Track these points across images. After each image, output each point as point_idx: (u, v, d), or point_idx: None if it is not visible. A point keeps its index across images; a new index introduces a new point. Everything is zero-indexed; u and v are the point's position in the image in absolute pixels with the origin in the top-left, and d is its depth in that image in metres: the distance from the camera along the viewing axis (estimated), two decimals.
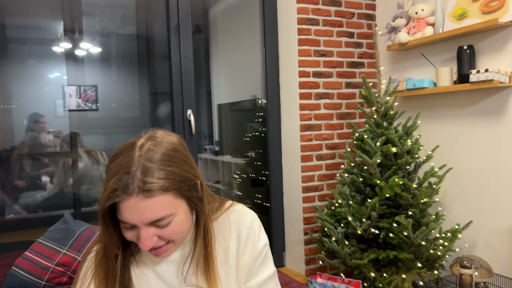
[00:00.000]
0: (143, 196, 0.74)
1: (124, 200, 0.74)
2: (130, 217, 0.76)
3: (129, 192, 0.74)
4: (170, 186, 0.77)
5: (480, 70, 1.99)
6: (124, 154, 0.77)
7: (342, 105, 2.68)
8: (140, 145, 0.78)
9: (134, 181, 0.74)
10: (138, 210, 0.75)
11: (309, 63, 2.56)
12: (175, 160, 0.79)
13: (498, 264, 2.12)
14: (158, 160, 0.77)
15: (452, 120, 2.33)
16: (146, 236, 0.77)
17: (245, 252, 0.92)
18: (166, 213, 0.77)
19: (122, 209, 0.76)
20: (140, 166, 0.75)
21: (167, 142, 0.81)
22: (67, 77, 2.45)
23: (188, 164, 0.82)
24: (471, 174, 2.24)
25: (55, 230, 1.73)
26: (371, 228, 2.12)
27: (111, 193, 0.74)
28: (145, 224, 0.77)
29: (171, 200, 0.78)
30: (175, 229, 0.80)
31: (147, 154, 0.77)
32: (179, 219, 0.81)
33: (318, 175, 2.63)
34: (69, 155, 2.46)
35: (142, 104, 2.77)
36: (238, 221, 0.94)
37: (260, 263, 0.94)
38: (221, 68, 3.65)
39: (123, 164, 0.76)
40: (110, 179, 0.75)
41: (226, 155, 3.51)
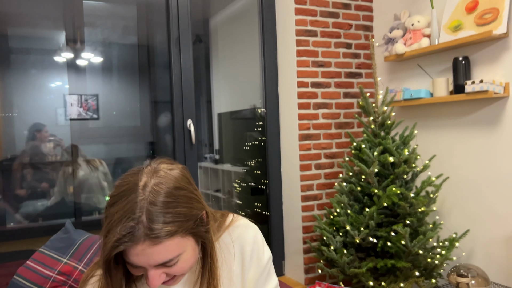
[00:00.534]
0: (150, 243, 0.72)
1: (131, 247, 0.73)
2: (137, 261, 0.74)
3: (135, 240, 0.72)
4: (178, 230, 0.75)
5: (475, 81, 2.03)
6: (126, 197, 0.74)
7: (340, 115, 2.72)
8: (142, 186, 0.75)
9: (140, 227, 0.71)
10: (145, 256, 0.73)
11: (307, 74, 2.59)
12: (180, 200, 0.77)
13: (495, 272, 2.13)
14: (163, 203, 0.74)
15: (448, 130, 2.36)
16: (154, 276, 0.76)
17: (250, 268, 0.92)
18: (174, 255, 0.76)
19: (129, 254, 0.74)
20: (145, 211, 0.72)
21: (170, 179, 0.78)
22: (68, 86, 2.47)
23: (193, 200, 0.79)
24: (468, 183, 2.27)
25: (56, 239, 1.75)
26: (369, 237, 2.14)
27: (116, 242, 0.71)
28: (153, 266, 0.76)
29: (178, 241, 0.76)
30: (183, 266, 0.80)
31: (150, 197, 0.74)
32: (187, 256, 0.80)
33: (317, 184, 2.65)
34: (69, 164, 2.48)
35: (143, 113, 2.79)
36: (241, 237, 0.93)
37: (265, 278, 0.95)
38: (221, 77, 3.69)
39: (127, 210, 0.72)
40: (114, 226, 0.72)
41: (226, 163, 3.53)
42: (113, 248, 0.71)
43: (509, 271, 2.07)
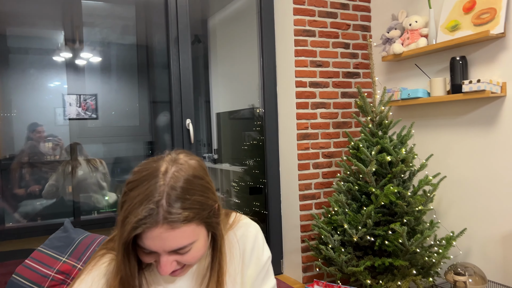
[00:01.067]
0: (168, 227, 0.74)
1: (149, 229, 0.74)
2: (152, 246, 0.76)
3: (154, 222, 0.73)
4: (194, 216, 0.77)
5: (473, 81, 2.04)
6: (147, 181, 0.76)
7: (338, 115, 2.73)
8: (163, 172, 0.77)
9: (160, 210, 0.74)
10: (161, 240, 0.75)
11: (305, 73, 2.60)
12: (198, 188, 0.79)
13: (492, 271, 2.15)
14: (182, 189, 0.77)
15: (445, 129, 2.37)
16: (166, 263, 0.78)
17: (250, 265, 0.95)
18: (188, 241, 0.78)
19: (145, 238, 0.75)
20: (165, 195, 0.75)
21: (189, 167, 0.81)
22: (67, 86, 2.48)
23: (209, 190, 0.82)
24: (465, 182, 2.28)
25: (55, 238, 1.76)
26: (367, 236, 2.15)
27: (136, 223, 0.73)
28: (167, 252, 0.78)
29: (194, 229, 0.78)
30: (195, 255, 0.81)
31: (171, 182, 0.76)
32: (199, 245, 0.81)
33: (315, 183, 2.66)
34: (68, 163, 2.48)
35: (142, 113, 2.80)
36: (244, 235, 0.96)
37: (263, 276, 0.97)
38: (219, 77, 3.70)
39: (148, 193, 0.74)
40: (135, 208, 0.74)
41: (225, 163, 3.54)
42: (132, 229, 0.73)
43: (506, 270, 2.09)
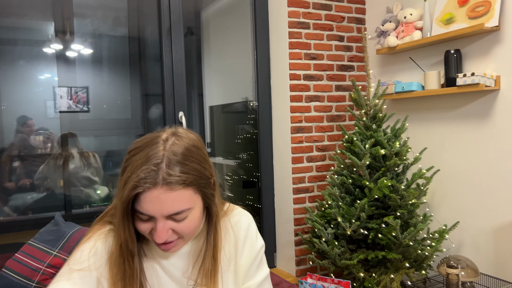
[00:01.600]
0: (167, 188, 0.77)
1: (149, 190, 0.76)
2: (150, 208, 0.78)
3: (154, 182, 0.76)
4: (192, 182, 0.80)
5: (467, 74, 2.04)
6: (148, 147, 0.80)
7: (332, 108, 2.72)
8: (164, 139, 0.81)
9: (160, 172, 0.76)
10: (160, 202, 0.77)
11: (299, 66, 2.59)
12: (196, 157, 0.82)
13: (484, 264, 2.16)
14: (181, 154, 0.80)
15: (439, 123, 2.37)
16: (163, 229, 0.79)
17: (243, 254, 0.96)
18: (185, 207, 0.80)
19: (144, 200, 0.77)
20: (165, 159, 0.78)
21: (189, 138, 0.85)
22: (58, 78, 2.44)
23: (206, 162, 0.85)
24: (458, 175, 2.28)
25: (45, 232, 1.73)
26: (360, 229, 2.15)
27: (137, 182, 0.76)
28: (164, 217, 0.79)
29: (191, 195, 0.81)
30: (190, 224, 0.83)
31: (171, 148, 0.80)
32: (195, 215, 0.83)
33: (308, 177, 2.66)
34: (60, 156, 2.45)
35: (134, 106, 2.76)
36: (238, 224, 0.98)
37: (257, 265, 0.97)
38: (213, 70, 3.66)
39: (149, 156, 0.78)
40: (136, 169, 0.77)
41: (218, 156, 3.52)
42: (133, 188, 0.76)
43: (497, 263, 2.10)
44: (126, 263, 0.85)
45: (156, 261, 0.92)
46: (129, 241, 0.83)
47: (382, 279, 2.08)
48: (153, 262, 0.91)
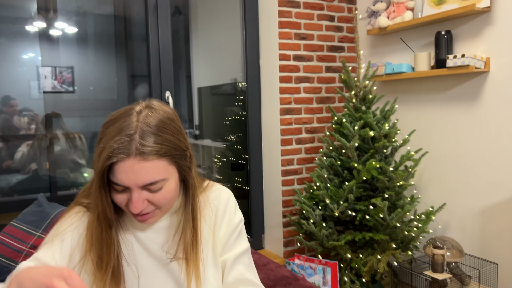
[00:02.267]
0: (140, 158, 0.77)
1: (122, 160, 0.77)
2: (125, 179, 0.78)
3: (127, 152, 0.76)
4: (166, 152, 0.80)
5: (457, 56, 2.02)
6: (122, 119, 0.80)
7: (322, 89, 2.69)
8: (138, 111, 0.81)
9: (133, 143, 0.77)
10: (134, 172, 0.77)
11: (289, 46, 2.55)
12: (170, 128, 0.82)
13: (470, 244, 2.19)
14: (155, 126, 0.80)
15: (429, 105, 2.37)
16: (138, 199, 0.79)
17: (222, 226, 0.96)
18: (160, 177, 0.80)
19: (118, 171, 0.78)
20: (139, 130, 0.78)
21: (163, 111, 0.84)
22: (41, 58, 2.37)
23: (181, 135, 0.85)
24: (446, 158, 2.29)
25: (28, 212, 1.69)
26: (348, 211, 2.15)
27: (110, 152, 0.76)
28: (138, 187, 0.80)
29: (165, 165, 0.81)
30: (166, 195, 0.83)
31: (145, 120, 0.80)
32: (170, 186, 0.83)
33: (297, 159, 2.64)
34: (45, 137, 2.40)
35: (120, 86, 2.71)
36: (217, 198, 0.98)
37: (235, 238, 0.97)
38: (201, 50, 3.60)
39: (123, 127, 0.78)
40: (110, 140, 0.77)
41: (206, 139, 3.48)
42: (107, 159, 0.76)
43: (482, 243, 2.13)
44: (104, 233, 0.85)
45: (133, 234, 0.91)
46: (107, 210, 0.83)
47: (369, 260, 2.09)
48: (130, 235, 0.91)
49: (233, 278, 0.94)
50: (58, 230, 0.89)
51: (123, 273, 0.87)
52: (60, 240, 0.87)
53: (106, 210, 0.83)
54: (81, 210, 0.91)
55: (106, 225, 0.85)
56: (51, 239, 0.88)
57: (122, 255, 0.88)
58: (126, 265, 0.89)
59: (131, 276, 0.89)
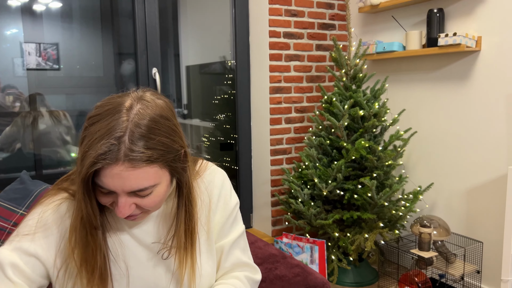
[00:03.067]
0: (129, 165, 0.69)
1: (109, 166, 0.69)
2: (111, 184, 0.71)
3: (114, 159, 0.68)
4: (158, 158, 0.72)
5: (449, 34, 2.00)
6: (109, 116, 0.71)
7: (312, 68, 2.65)
8: (128, 107, 0.72)
9: (121, 148, 0.69)
10: (121, 179, 0.70)
11: (280, 23, 2.49)
12: (163, 129, 0.74)
13: (456, 223, 2.21)
14: (147, 127, 0.71)
15: (419, 84, 2.35)
16: (124, 205, 0.73)
17: (217, 211, 0.92)
18: (149, 183, 0.73)
19: (104, 176, 0.70)
20: (129, 132, 0.69)
21: (156, 105, 0.75)
22: (24, 34, 2.29)
23: (176, 134, 0.77)
24: (435, 137, 2.29)
25: (11, 190, 1.65)
26: (336, 190, 2.15)
27: (95, 158, 0.68)
28: (125, 193, 0.73)
29: (156, 171, 0.73)
30: (155, 199, 0.77)
31: (135, 118, 0.71)
32: (160, 190, 0.77)
33: (286, 138, 2.62)
34: (29, 115, 2.34)
35: (106, 63, 2.64)
36: (211, 182, 0.93)
37: (231, 222, 0.94)
38: (189, 28, 3.52)
39: (110, 128, 0.69)
40: (94, 143, 0.69)
41: (195, 118, 3.44)
42: (91, 165, 0.68)
43: (468, 222, 2.15)
44: (89, 236, 0.78)
45: (123, 229, 0.86)
46: (92, 216, 0.76)
47: (356, 238, 2.10)
48: (119, 231, 0.85)
49: (230, 264, 0.93)
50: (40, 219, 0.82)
51: (110, 273, 0.82)
52: (45, 235, 0.80)
53: (91, 216, 0.76)
54: (66, 199, 0.84)
55: (91, 228, 0.78)
56: (33, 229, 0.80)
57: (110, 253, 0.83)
58: (113, 264, 0.83)
59: (117, 275, 0.84)
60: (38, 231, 0.80)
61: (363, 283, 2.29)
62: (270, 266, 1.51)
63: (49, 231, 0.81)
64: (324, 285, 1.42)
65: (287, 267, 1.49)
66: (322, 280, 1.44)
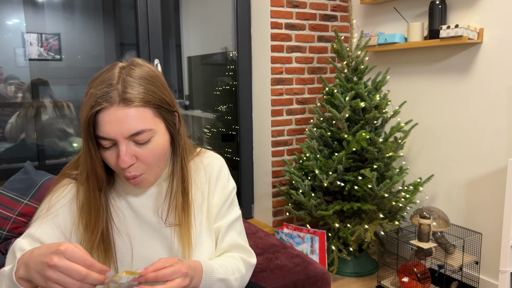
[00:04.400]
0: (123, 105, 0.76)
1: (106, 109, 0.76)
2: (110, 130, 0.76)
3: (110, 100, 0.76)
4: (150, 101, 0.79)
5: (450, 26, 1.99)
6: (105, 73, 0.80)
7: (313, 59, 2.65)
8: (121, 66, 0.81)
9: (115, 90, 0.76)
10: (118, 121, 0.76)
11: (281, 14, 2.49)
12: (154, 82, 0.81)
13: (455, 215, 2.23)
14: (138, 77, 0.79)
15: (420, 76, 2.35)
16: (126, 153, 0.78)
17: (215, 194, 0.97)
18: (145, 126, 0.78)
19: (102, 122, 0.77)
20: (121, 80, 0.78)
21: (147, 66, 0.84)
22: (26, 24, 2.29)
23: (165, 89, 0.84)
24: (436, 129, 2.30)
25: (15, 180, 1.68)
26: (337, 181, 2.16)
27: (93, 101, 0.76)
28: (125, 138, 0.78)
29: (151, 115, 0.80)
30: (154, 151, 0.81)
31: (127, 71, 0.79)
32: (158, 140, 0.82)
33: (287, 130, 2.63)
34: (32, 105, 2.35)
35: (108, 54, 2.64)
36: (210, 165, 0.98)
37: (228, 205, 0.99)
38: (191, 19, 3.51)
39: (105, 78, 0.78)
40: (93, 92, 0.77)
41: (196, 109, 3.45)
42: (90, 108, 0.76)
43: (468, 214, 2.17)
44: (92, 195, 0.84)
45: (125, 200, 0.90)
46: (96, 166, 0.82)
47: (357, 229, 2.13)
48: (122, 201, 0.90)
49: (226, 244, 0.97)
50: (49, 204, 0.88)
51: (113, 242, 0.86)
52: (53, 216, 0.86)
53: (96, 166, 0.81)
54: (71, 182, 0.89)
55: (95, 186, 0.84)
56: (43, 214, 0.86)
57: (113, 224, 0.87)
58: (117, 235, 0.88)
59: (123, 246, 0.88)
60: (46, 216, 0.86)
61: (363, 273, 2.31)
62: (270, 256, 1.53)
63: (58, 211, 0.87)
64: (324, 275, 1.45)
65: (288, 257, 1.52)
66: (322, 270, 1.46)
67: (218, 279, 0.87)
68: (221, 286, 0.89)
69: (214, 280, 0.87)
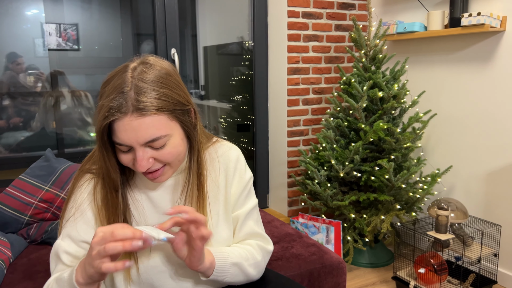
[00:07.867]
0: (137, 115, 0.75)
1: (120, 119, 0.75)
2: (125, 137, 0.76)
3: (123, 110, 0.75)
4: (164, 107, 0.77)
5: (472, 14, 1.94)
6: (116, 76, 0.78)
7: (331, 49, 2.62)
8: (132, 68, 0.79)
9: (128, 99, 0.75)
10: (133, 130, 0.76)
11: (298, 3, 2.46)
12: (168, 83, 0.79)
13: (474, 206, 2.19)
14: (151, 81, 0.77)
15: (440, 66, 2.31)
16: (142, 158, 0.78)
17: (233, 183, 0.97)
18: (161, 133, 0.78)
19: (118, 130, 0.76)
20: (133, 86, 0.76)
21: (159, 66, 0.81)
22: (45, 14, 2.32)
23: (180, 89, 0.82)
24: (455, 120, 2.26)
25: (36, 167, 1.71)
26: (353, 171, 2.15)
27: (106, 112, 0.75)
28: (141, 145, 0.78)
29: (166, 121, 0.78)
30: (171, 151, 0.81)
31: (140, 76, 0.77)
32: (174, 142, 0.81)
33: (303, 120, 2.62)
34: (51, 94, 2.39)
35: (125, 44, 2.66)
36: (225, 155, 0.98)
37: (246, 195, 0.99)
38: (207, 8, 3.50)
39: (117, 85, 0.76)
40: (106, 99, 0.76)
41: (212, 99, 3.45)
42: (103, 119, 0.75)
43: (486, 205, 2.13)
44: (109, 194, 0.85)
45: (144, 193, 0.92)
46: (110, 171, 0.83)
47: (373, 220, 2.11)
48: (141, 194, 0.92)
49: (244, 233, 0.98)
50: (75, 203, 0.90)
51: None
52: (82, 214, 0.88)
53: (110, 171, 0.83)
54: (91, 178, 0.91)
55: (111, 186, 0.85)
56: (73, 213, 0.89)
57: (132, 216, 0.89)
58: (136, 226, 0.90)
59: None
60: (77, 216, 0.88)
61: (378, 264, 2.31)
62: (286, 244, 1.54)
63: (85, 211, 0.89)
64: (339, 264, 1.44)
65: (303, 246, 1.52)
66: (338, 259, 1.46)
67: (232, 263, 0.89)
68: (236, 270, 0.90)
69: (228, 264, 0.88)
